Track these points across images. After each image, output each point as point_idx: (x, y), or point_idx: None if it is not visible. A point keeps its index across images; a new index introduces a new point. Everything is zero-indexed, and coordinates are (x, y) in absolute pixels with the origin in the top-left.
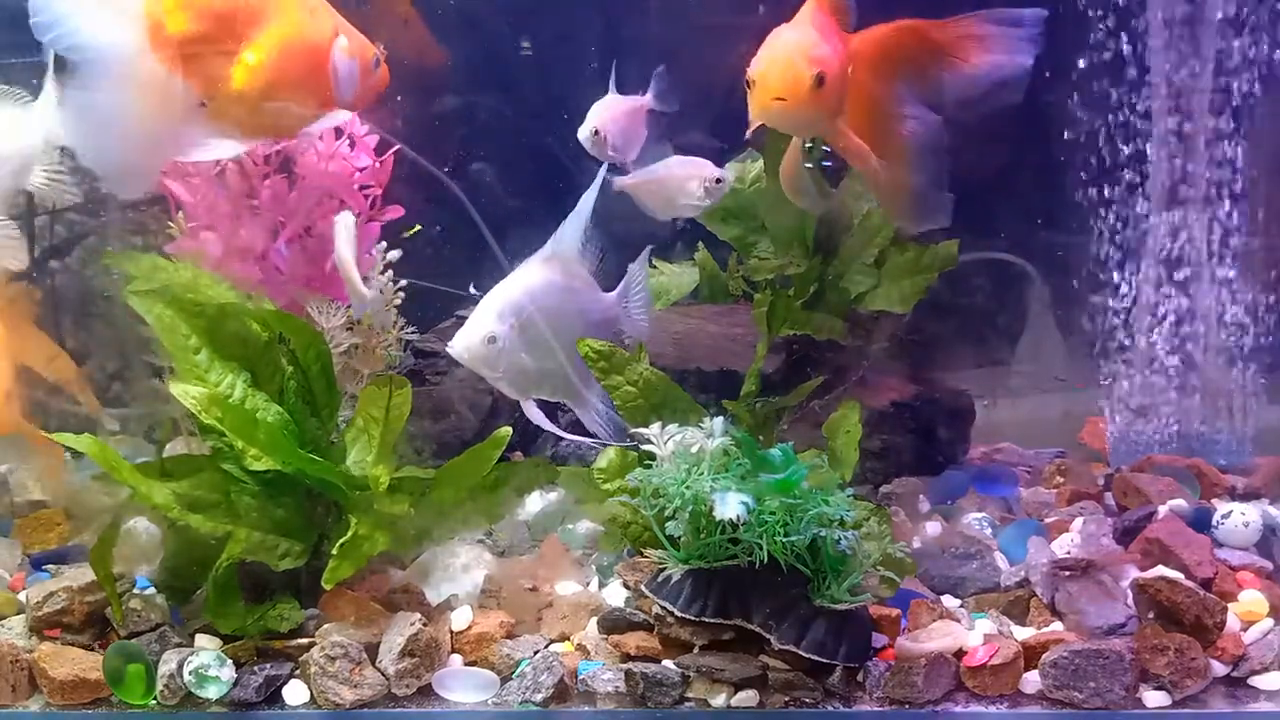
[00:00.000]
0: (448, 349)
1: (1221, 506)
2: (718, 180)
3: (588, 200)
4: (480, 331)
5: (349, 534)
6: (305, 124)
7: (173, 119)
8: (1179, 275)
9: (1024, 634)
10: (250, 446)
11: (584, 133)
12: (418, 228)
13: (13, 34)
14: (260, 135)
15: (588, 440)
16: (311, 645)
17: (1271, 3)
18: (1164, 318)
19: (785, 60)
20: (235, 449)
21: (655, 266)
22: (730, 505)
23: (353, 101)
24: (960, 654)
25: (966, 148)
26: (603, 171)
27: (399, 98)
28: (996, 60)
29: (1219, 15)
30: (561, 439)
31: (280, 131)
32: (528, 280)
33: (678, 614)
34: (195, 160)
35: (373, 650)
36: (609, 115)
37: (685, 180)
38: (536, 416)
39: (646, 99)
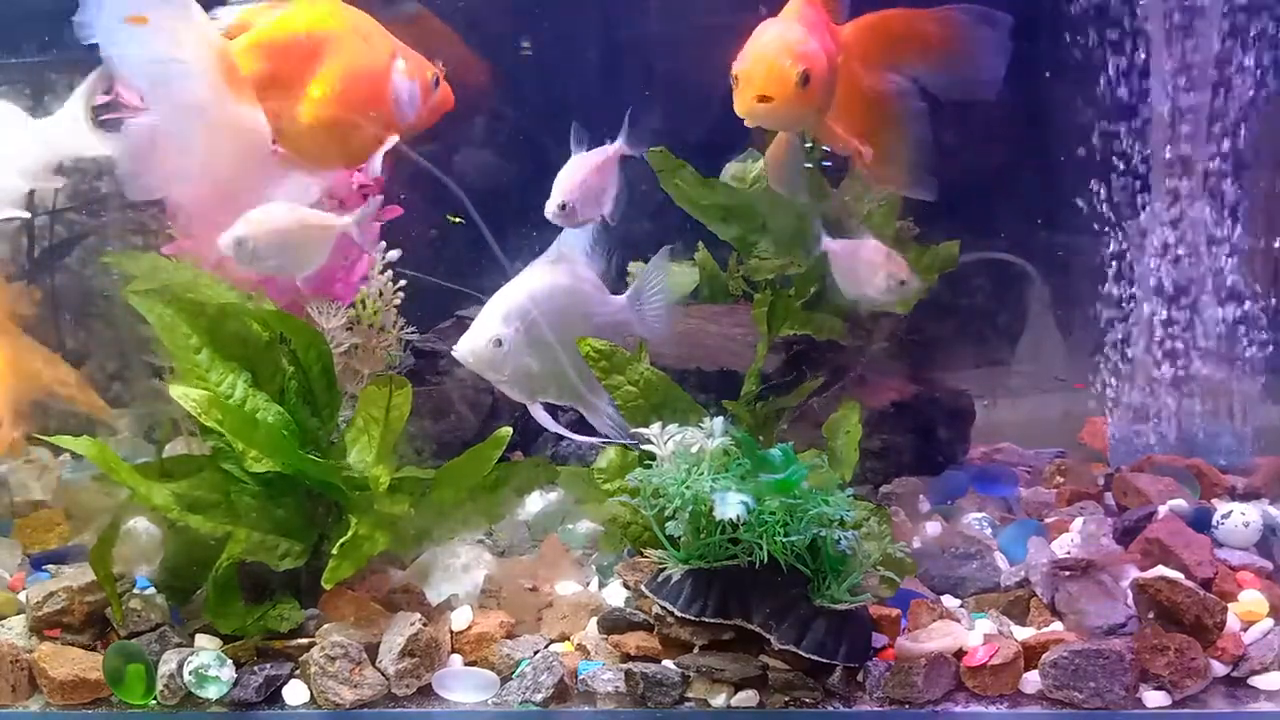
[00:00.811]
0: (452, 352)
1: (1221, 506)
2: (902, 281)
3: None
4: (485, 335)
5: (349, 534)
6: (372, 149)
7: (249, 157)
8: (1180, 274)
9: (1024, 634)
10: (250, 448)
11: (550, 209)
12: (457, 219)
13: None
14: (330, 166)
15: (593, 440)
16: (311, 645)
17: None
18: (1164, 317)
19: (770, 58)
20: (236, 450)
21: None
22: (730, 505)
23: (416, 123)
24: (960, 654)
25: (966, 148)
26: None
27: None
28: (974, 55)
29: (1221, 14)
30: (562, 439)
31: (350, 160)
32: (533, 283)
33: (678, 614)
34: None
35: (373, 650)
36: (573, 184)
37: (874, 268)
38: (544, 419)
39: (616, 146)
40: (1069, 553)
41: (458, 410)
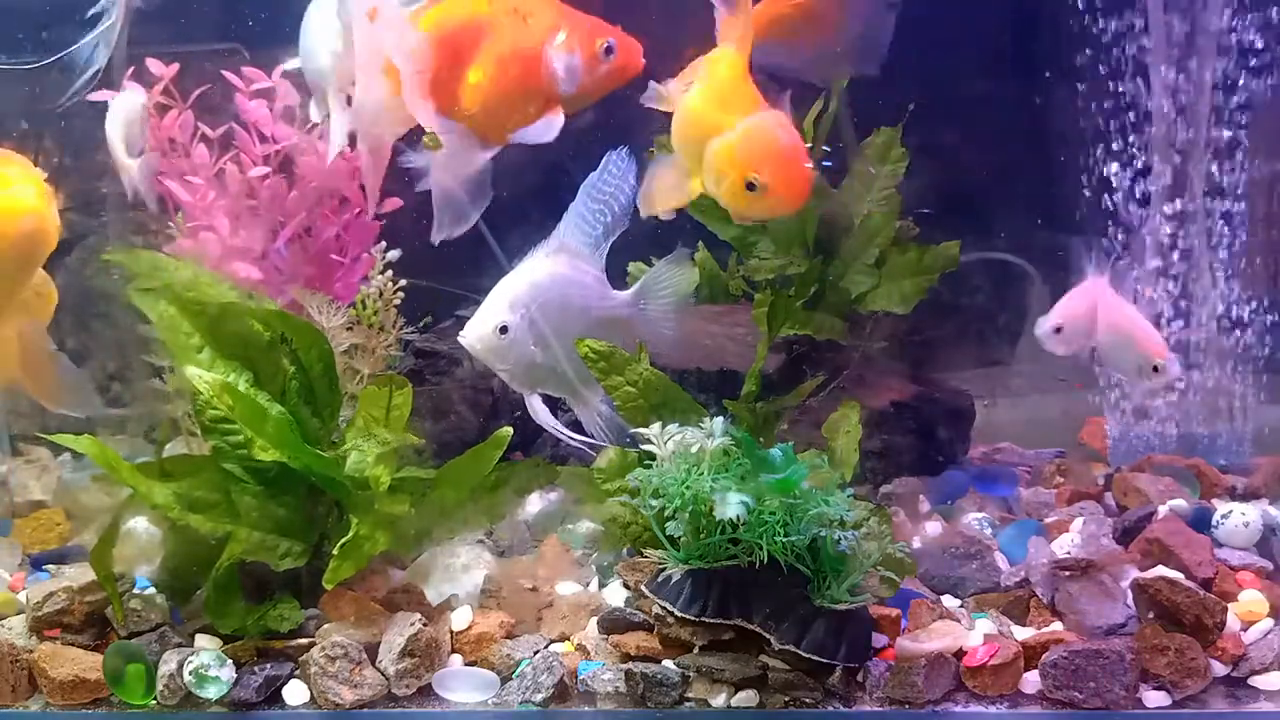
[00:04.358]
0: (459, 339)
1: (1221, 506)
2: (1155, 369)
3: (590, 191)
4: (492, 321)
5: (350, 534)
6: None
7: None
8: (1179, 275)
9: (1024, 634)
10: (258, 437)
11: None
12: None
13: None
14: (503, 141)
15: (588, 441)
16: (311, 645)
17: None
18: (1164, 316)
19: (799, 174)
20: (243, 440)
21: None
22: (730, 505)
23: (582, 93)
24: (960, 654)
25: (967, 147)
26: (605, 162)
27: None
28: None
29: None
30: (562, 439)
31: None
32: (536, 272)
33: (678, 614)
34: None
35: (373, 650)
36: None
37: (1137, 354)
38: (542, 413)
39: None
40: (1069, 553)
41: (458, 410)
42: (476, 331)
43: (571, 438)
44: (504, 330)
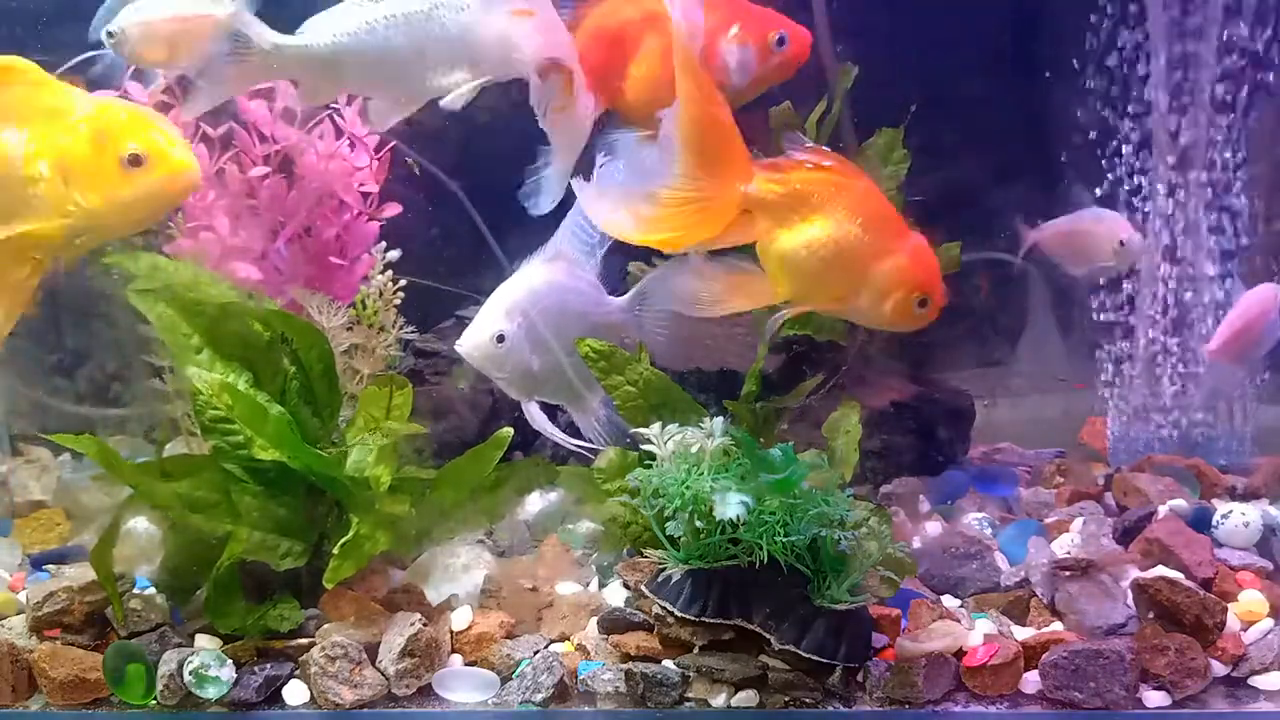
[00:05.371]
0: (455, 348)
1: (1221, 506)
2: (1121, 242)
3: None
4: (489, 329)
5: (350, 534)
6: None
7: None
8: (1180, 273)
9: (1024, 634)
10: (258, 436)
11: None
12: None
13: None
14: None
15: (586, 444)
16: (311, 645)
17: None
18: (1165, 317)
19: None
20: (243, 440)
21: (654, 265)
22: (730, 505)
23: (751, 85)
24: (960, 654)
25: (967, 147)
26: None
27: None
28: None
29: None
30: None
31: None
32: (533, 279)
33: (678, 614)
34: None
35: (373, 650)
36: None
37: (1094, 238)
38: (539, 419)
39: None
40: (1069, 553)
41: (458, 411)
42: (473, 340)
43: (570, 442)
44: (501, 339)
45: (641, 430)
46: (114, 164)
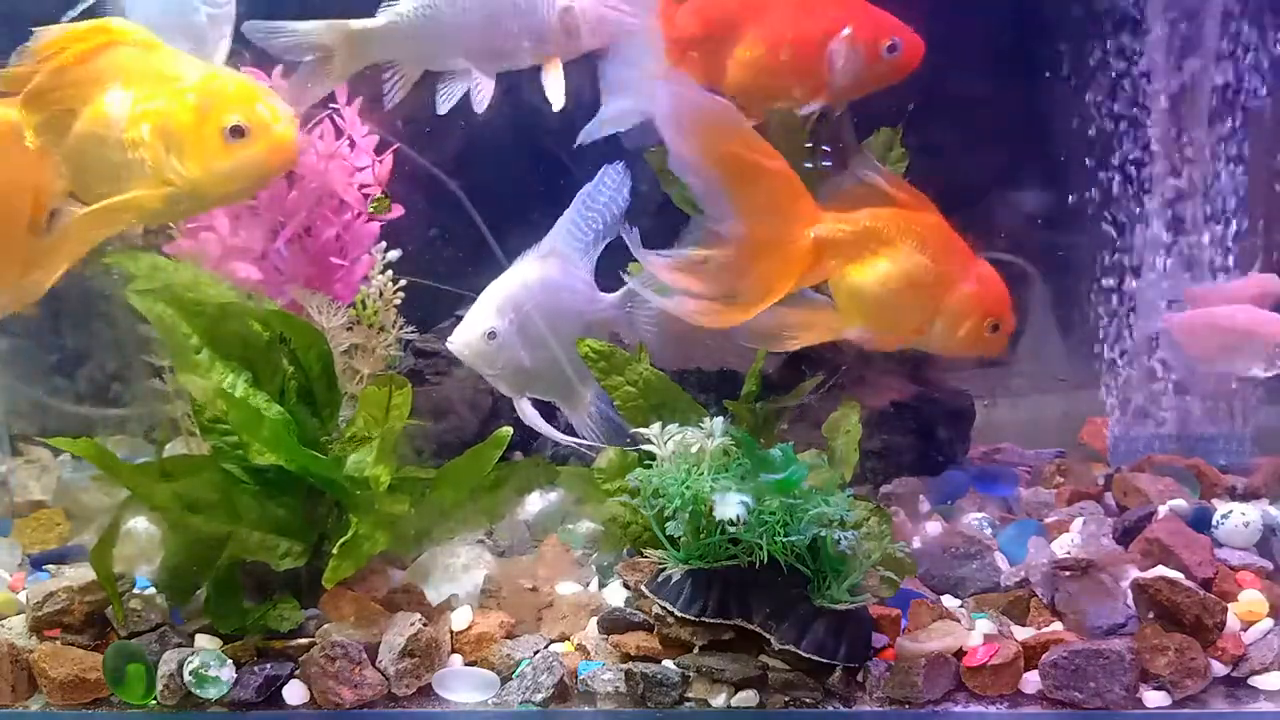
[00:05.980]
0: (447, 344)
1: (1221, 506)
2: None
3: (586, 200)
4: (480, 326)
5: (350, 533)
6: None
7: None
8: (1179, 272)
9: (1024, 634)
10: (254, 441)
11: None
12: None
13: None
14: (760, 119)
15: (580, 442)
16: (311, 645)
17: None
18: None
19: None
20: (239, 444)
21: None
22: (730, 505)
23: (850, 88)
24: (960, 654)
25: (967, 147)
26: (600, 175)
27: None
28: None
29: (1220, 14)
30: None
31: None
32: (525, 276)
33: (678, 614)
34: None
35: (373, 650)
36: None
37: (1252, 338)
38: (531, 416)
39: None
40: (1069, 553)
41: (457, 410)
42: (464, 337)
43: (563, 439)
44: (492, 335)
45: (641, 430)
46: (216, 134)
